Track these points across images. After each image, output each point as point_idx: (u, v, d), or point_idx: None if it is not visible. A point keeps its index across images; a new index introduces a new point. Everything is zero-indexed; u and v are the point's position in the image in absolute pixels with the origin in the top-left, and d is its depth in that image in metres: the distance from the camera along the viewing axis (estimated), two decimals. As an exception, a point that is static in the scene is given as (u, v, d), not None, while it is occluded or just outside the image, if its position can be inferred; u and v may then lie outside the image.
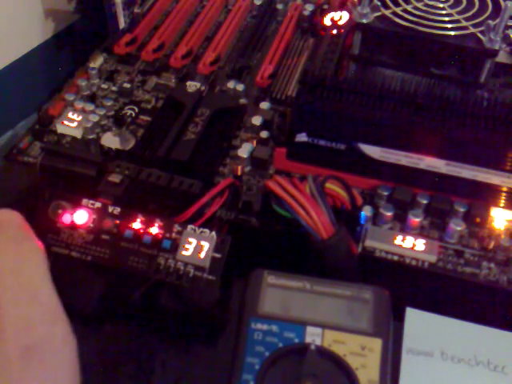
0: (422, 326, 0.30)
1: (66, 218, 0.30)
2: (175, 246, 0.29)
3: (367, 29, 0.38)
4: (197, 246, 0.29)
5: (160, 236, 0.30)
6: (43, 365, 0.22)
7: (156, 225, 0.30)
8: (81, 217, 0.30)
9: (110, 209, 0.30)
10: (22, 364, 0.22)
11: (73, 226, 0.30)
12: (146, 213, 0.30)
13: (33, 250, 0.25)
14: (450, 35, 0.37)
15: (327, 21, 0.46)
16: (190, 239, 0.29)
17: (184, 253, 0.29)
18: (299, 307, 0.27)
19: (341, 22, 0.45)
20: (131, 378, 0.30)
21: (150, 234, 0.30)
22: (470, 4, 0.39)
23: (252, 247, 0.33)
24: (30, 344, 0.22)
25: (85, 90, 0.42)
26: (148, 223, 0.30)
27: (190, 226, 0.30)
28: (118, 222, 0.30)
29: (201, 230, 0.30)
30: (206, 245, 0.29)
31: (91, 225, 0.30)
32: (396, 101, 0.33)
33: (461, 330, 0.30)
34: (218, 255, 0.29)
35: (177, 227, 0.30)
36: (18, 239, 0.25)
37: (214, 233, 0.29)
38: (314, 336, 0.26)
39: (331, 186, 0.31)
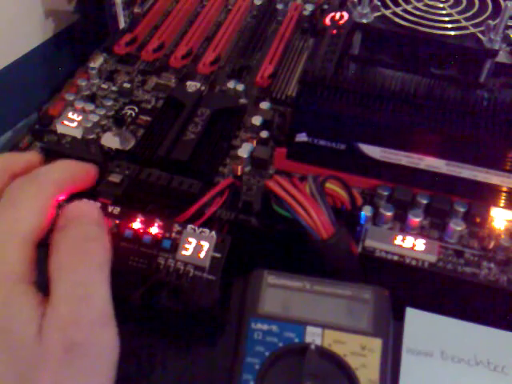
0: (422, 326, 0.30)
1: None
2: (175, 246, 0.29)
3: (367, 29, 0.38)
4: (197, 246, 0.29)
5: (160, 236, 0.30)
6: (84, 365, 0.22)
7: (156, 225, 0.30)
8: None
9: (110, 209, 0.30)
10: (62, 360, 0.21)
11: None
12: (146, 213, 0.30)
13: (99, 251, 0.25)
14: (450, 35, 0.37)
15: (327, 21, 0.46)
16: (190, 239, 0.29)
17: (184, 252, 0.29)
18: (299, 307, 0.27)
19: (341, 22, 0.45)
20: (131, 378, 0.30)
21: (150, 233, 0.30)
22: (470, 4, 0.39)
23: (252, 247, 0.33)
24: (74, 341, 0.22)
25: (85, 90, 0.42)
26: (148, 223, 0.30)
27: (189, 226, 0.30)
28: (117, 221, 0.30)
29: (201, 229, 0.30)
30: (205, 244, 0.29)
31: None
32: (396, 101, 0.33)
33: (461, 330, 0.30)
34: (217, 255, 0.29)
35: (177, 227, 0.30)
36: (89, 237, 0.25)
37: (213, 232, 0.29)
38: (314, 336, 0.26)
39: (331, 186, 0.31)
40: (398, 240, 0.32)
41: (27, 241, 0.24)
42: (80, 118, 0.39)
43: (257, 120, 0.39)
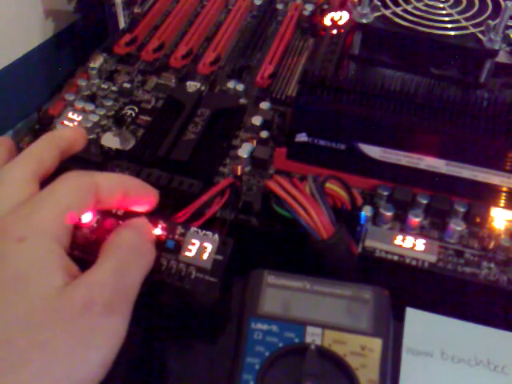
0: (422, 326, 0.30)
1: None
2: (178, 247, 0.29)
3: (367, 29, 0.38)
4: (200, 248, 0.29)
5: (163, 237, 0.30)
6: (95, 326, 0.22)
7: (159, 226, 0.30)
8: (85, 216, 0.30)
9: (114, 210, 0.30)
10: (78, 315, 0.22)
11: (76, 226, 0.30)
12: (148, 213, 0.30)
13: (149, 260, 0.27)
14: (450, 35, 0.37)
15: (327, 21, 0.46)
16: (194, 240, 0.29)
17: (187, 254, 0.29)
18: (299, 307, 0.27)
19: (341, 22, 0.45)
20: (131, 378, 0.30)
21: (153, 234, 0.30)
22: (470, 4, 0.39)
23: (252, 247, 0.33)
24: (95, 301, 0.23)
25: (85, 90, 0.42)
26: (152, 224, 0.30)
27: (193, 228, 0.30)
28: (121, 222, 0.30)
29: (204, 231, 0.30)
30: (208, 247, 0.29)
31: (94, 225, 0.30)
32: (396, 101, 0.33)
33: (461, 330, 0.30)
34: (220, 257, 0.29)
35: (180, 229, 0.30)
36: (148, 241, 0.27)
37: (216, 235, 0.29)
38: (314, 336, 0.26)
39: (331, 186, 0.31)
40: (398, 240, 0.32)
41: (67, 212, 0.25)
42: (80, 118, 0.39)
43: (257, 120, 0.39)
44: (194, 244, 0.29)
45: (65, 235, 0.25)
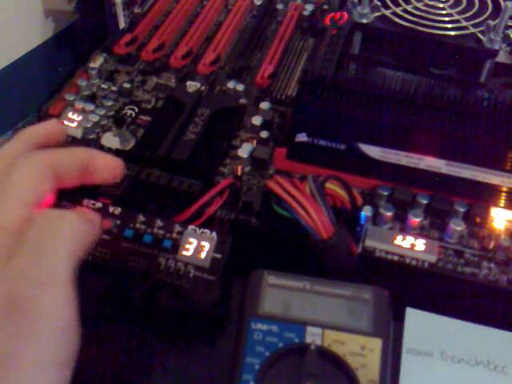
0: (422, 326, 0.30)
1: None
2: (176, 246, 0.29)
3: (367, 29, 0.38)
4: (197, 247, 0.29)
5: (161, 236, 0.30)
6: (23, 322, 0.21)
7: (157, 225, 0.30)
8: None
9: (111, 209, 0.30)
10: (2, 313, 0.21)
11: None
12: (146, 213, 0.30)
13: (71, 226, 0.24)
14: (450, 35, 0.37)
15: (327, 21, 0.46)
16: (191, 239, 0.29)
17: (184, 253, 0.29)
18: (299, 307, 0.27)
19: (341, 22, 0.45)
20: (131, 378, 0.30)
21: (151, 233, 0.30)
22: (470, 4, 0.39)
23: (252, 247, 0.33)
24: (18, 296, 0.22)
25: (85, 90, 0.42)
26: (148, 223, 0.30)
27: (190, 227, 0.30)
28: (118, 222, 0.30)
29: (201, 230, 0.30)
30: (206, 245, 0.29)
31: None
32: (396, 101, 0.33)
33: (461, 330, 0.30)
34: (218, 256, 0.29)
35: (177, 227, 0.30)
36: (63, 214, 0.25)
37: (214, 233, 0.29)
38: (314, 336, 0.26)
39: (331, 186, 0.31)
40: (398, 240, 0.32)
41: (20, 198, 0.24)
42: (80, 118, 0.39)
43: (257, 120, 0.39)
44: (191, 243, 0.29)
45: (21, 224, 0.24)
